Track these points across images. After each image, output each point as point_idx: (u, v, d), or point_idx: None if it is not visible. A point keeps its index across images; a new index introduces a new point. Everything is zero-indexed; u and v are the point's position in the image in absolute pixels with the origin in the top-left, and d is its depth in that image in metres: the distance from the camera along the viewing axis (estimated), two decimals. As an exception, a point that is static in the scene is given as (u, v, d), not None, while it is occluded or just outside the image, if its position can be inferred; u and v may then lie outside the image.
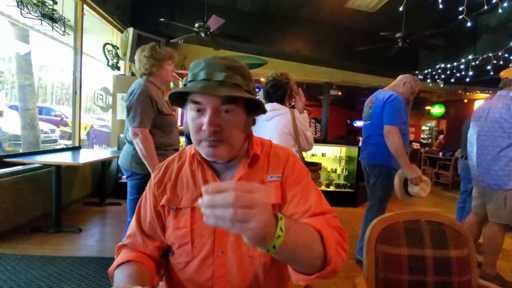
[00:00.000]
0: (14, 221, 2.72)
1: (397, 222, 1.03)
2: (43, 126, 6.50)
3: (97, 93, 4.42)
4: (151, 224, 0.78)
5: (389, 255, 0.99)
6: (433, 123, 12.62)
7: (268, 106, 1.81)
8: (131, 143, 1.79)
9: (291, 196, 0.75)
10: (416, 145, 10.18)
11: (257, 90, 1.00)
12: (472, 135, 2.31)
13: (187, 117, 0.73)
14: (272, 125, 1.80)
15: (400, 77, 2.42)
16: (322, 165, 4.44)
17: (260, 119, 1.76)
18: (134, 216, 0.81)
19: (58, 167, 2.87)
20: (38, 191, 3.02)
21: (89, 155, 3.44)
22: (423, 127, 13.13)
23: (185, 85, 0.69)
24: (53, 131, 7.17)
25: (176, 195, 0.77)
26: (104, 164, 3.88)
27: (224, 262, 0.72)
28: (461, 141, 3.09)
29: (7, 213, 2.65)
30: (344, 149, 4.74)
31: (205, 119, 0.65)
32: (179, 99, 0.72)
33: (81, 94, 3.93)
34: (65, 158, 3.09)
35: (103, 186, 3.86)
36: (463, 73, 4.91)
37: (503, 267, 2.46)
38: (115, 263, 0.73)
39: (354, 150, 4.44)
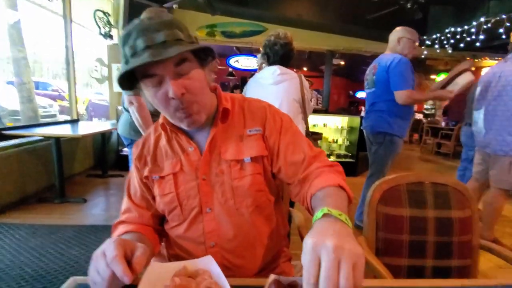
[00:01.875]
0: (21, 192, 2.79)
1: (399, 185, 1.02)
2: (41, 101, 6.41)
3: (92, 65, 4.28)
4: (143, 196, 0.80)
5: (390, 216, 0.98)
6: (437, 93, 12.33)
7: (274, 68, 1.67)
8: (128, 111, 1.76)
9: (284, 146, 0.76)
10: (419, 116, 10.04)
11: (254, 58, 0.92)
12: (480, 100, 2.25)
13: (145, 98, 0.68)
14: (281, 90, 1.64)
15: (391, 36, 2.25)
16: (323, 135, 4.41)
17: (266, 82, 1.66)
18: (125, 193, 0.82)
19: (58, 139, 2.86)
20: (41, 163, 3.06)
21: (88, 127, 3.42)
22: (427, 97, 12.82)
23: (127, 63, 0.62)
24: (51, 106, 7.08)
25: (157, 165, 0.78)
26: (104, 136, 3.88)
27: (213, 218, 0.74)
28: (466, 108, 3.02)
29: (14, 184, 2.72)
30: (346, 119, 4.68)
31: (168, 87, 0.62)
32: (127, 82, 0.64)
33: (75, 65, 3.81)
34: (64, 131, 3.07)
35: (105, 158, 3.90)
36: (473, 37, 4.68)
37: (501, 232, 2.53)
38: (114, 236, 0.74)
39: (356, 120, 4.38)
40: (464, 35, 4.79)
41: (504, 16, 4.10)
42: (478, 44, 4.77)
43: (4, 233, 2.20)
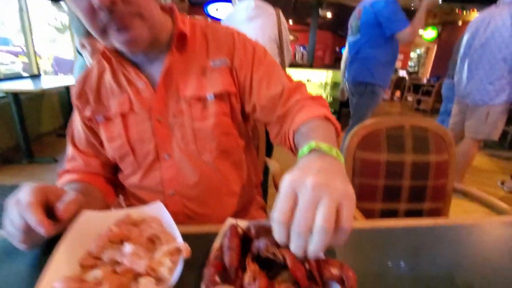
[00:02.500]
0: (-18, 153, 2.58)
1: (379, 129, 0.96)
2: (2, 57, 5.74)
3: (51, 13, 3.75)
4: (88, 141, 0.69)
5: (367, 161, 0.94)
6: (422, 49, 12.23)
7: (248, 2, 1.47)
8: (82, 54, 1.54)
9: (258, 80, 0.64)
10: (402, 73, 10.02)
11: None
12: (466, 48, 2.17)
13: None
14: (255, 27, 1.45)
15: None
16: (307, 91, 4.29)
17: (239, 18, 1.46)
18: (68, 139, 0.71)
19: (16, 96, 2.58)
20: (3, 122, 2.80)
21: (50, 82, 3.10)
22: (412, 54, 12.74)
23: None
24: (13, 62, 6.38)
25: (101, 104, 0.65)
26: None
27: (172, 164, 0.65)
28: (450, 60, 2.97)
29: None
30: (330, 74, 4.54)
31: None
32: None
33: (30, 12, 3.33)
34: (23, 86, 2.76)
35: (75, 117, 3.63)
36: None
37: (471, 181, 2.68)
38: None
39: (339, 75, 4.25)
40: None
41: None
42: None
43: (-34, 195, 2.06)
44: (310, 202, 0.31)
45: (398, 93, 8.91)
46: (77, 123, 0.69)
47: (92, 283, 0.34)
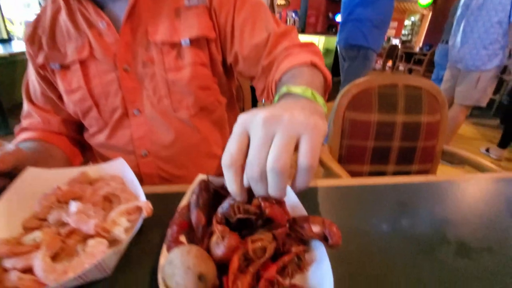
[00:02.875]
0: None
1: (371, 87, 0.89)
2: None
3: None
4: (45, 96, 0.60)
5: (357, 122, 0.89)
6: (417, 17, 11.89)
7: None
8: None
9: (241, 23, 0.55)
10: (395, 42, 9.79)
11: None
12: (463, 9, 2.08)
13: None
14: None
15: None
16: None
17: None
18: (23, 93, 0.61)
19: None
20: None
21: (22, 46, 2.84)
22: (406, 22, 12.40)
23: None
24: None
25: (56, 49, 0.56)
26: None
27: (144, 121, 0.58)
28: (446, 24, 2.87)
29: None
30: (322, 40, 4.35)
31: None
32: None
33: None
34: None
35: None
36: None
37: (456, 143, 2.72)
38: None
39: (332, 41, 4.09)
40: None
41: None
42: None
43: None
44: (261, 139, 0.25)
45: (390, 63, 8.78)
46: (31, 73, 0.60)
47: (29, 246, 0.29)
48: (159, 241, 0.35)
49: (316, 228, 0.30)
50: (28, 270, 0.27)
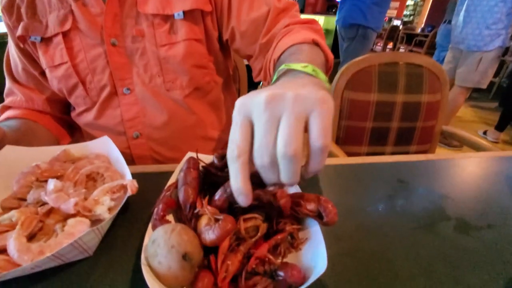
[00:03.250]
0: None
1: (371, 65, 0.86)
2: None
3: None
4: (27, 72, 0.56)
5: (356, 102, 0.86)
6: (419, -3, 11.55)
7: None
8: None
9: None
10: (397, 22, 9.54)
11: None
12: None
13: None
14: None
15: None
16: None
17: None
18: (5, 69, 0.58)
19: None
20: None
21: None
22: (408, 1, 12.06)
23: None
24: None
25: (37, 20, 0.51)
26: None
27: (135, 101, 0.54)
28: (449, 4, 2.79)
29: None
30: (322, 20, 4.23)
31: None
32: None
33: None
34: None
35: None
36: None
37: (454, 126, 2.70)
38: None
39: (332, 21, 3.98)
40: None
41: None
42: None
43: None
44: (266, 124, 0.22)
45: (390, 44, 8.61)
46: (11, 47, 0.56)
47: (5, 225, 0.27)
48: (147, 221, 0.33)
49: (310, 206, 0.29)
50: (4, 251, 0.25)
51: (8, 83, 0.58)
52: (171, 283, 0.23)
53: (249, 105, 0.24)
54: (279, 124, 0.22)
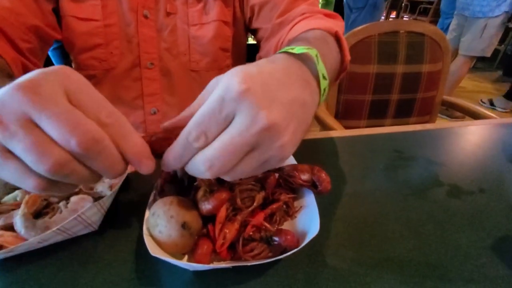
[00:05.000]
0: None
1: (371, 36, 0.83)
2: None
3: None
4: None
5: (355, 75, 0.85)
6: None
7: None
8: None
9: None
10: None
11: None
12: None
13: None
14: None
15: None
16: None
17: None
18: None
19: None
20: None
21: None
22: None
23: None
24: None
25: None
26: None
27: (157, 76, 0.54)
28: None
29: None
30: (320, -10, 4.02)
31: None
32: None
33: None
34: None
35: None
36: None
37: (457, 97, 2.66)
38: None
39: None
40: None
41: None
42: None
43: None
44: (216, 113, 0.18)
45: (393, 13, 8.24)
46: None
47: (10, 204, 0.28)
48: (148, 196, 0.34)
49: (304, 176, 0.29)
50: (10, 228, 0.26)
51: None
52: (171, 250, 0.24)
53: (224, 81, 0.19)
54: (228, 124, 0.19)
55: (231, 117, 0.18)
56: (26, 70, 0.45)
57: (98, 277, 0.26)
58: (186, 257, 0.26)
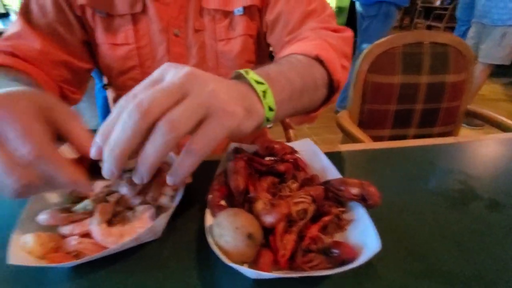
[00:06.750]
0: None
1: (394, 47, 0.85)
2: None
3: None
4: (52, 28, 0.48)
5: (379, 85, 0.86)
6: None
7: None
8: None
9: None
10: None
11: None
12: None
13: None
14: None
15: None
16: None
17: None
18: (19, 13, 0.48)
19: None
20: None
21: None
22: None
23: None
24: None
25: None
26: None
27: None
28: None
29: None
30: (333, -2, 4.05)
31: None
32: None
33: None
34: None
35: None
36: None
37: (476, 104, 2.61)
38: None
39: (345, -2, 3.80)
40: None
41: None
42: None
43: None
44: (172, 87, 0.23)
45: (407, 20, 8.18)
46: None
47: (82, 213, 0.30)
48: (200, 206, 0.37)
49: (354, 190, 0.31)
50: (85, 236, 0.29)
51: (18, 26, 0.47)
52: (236, 259, 0.26)
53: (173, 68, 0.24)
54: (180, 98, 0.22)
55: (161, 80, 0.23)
56: (63, 95, 0.53)
57: (165, 284, 0.28)
58: (246, 266, 0.28)
